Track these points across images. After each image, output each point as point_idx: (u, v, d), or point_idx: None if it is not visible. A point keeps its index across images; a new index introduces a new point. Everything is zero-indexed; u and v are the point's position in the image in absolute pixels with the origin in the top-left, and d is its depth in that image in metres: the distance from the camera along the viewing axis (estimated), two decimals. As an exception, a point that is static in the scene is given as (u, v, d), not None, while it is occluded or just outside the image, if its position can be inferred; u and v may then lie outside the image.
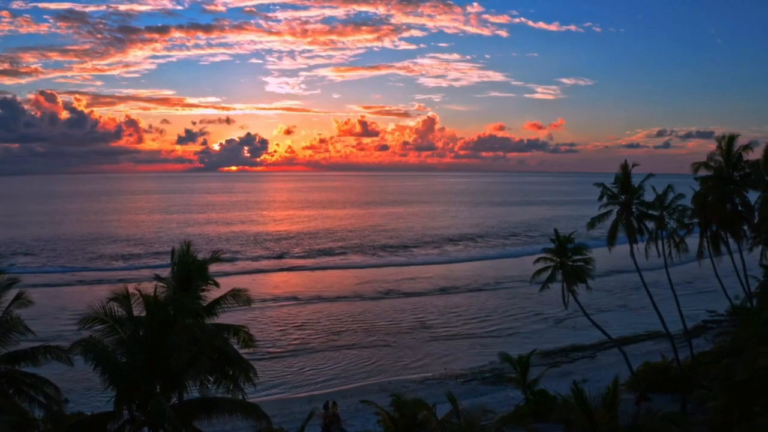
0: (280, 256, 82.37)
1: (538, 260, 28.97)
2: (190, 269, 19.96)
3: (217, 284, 21.08)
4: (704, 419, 21.67)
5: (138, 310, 16.98)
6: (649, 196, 29.37)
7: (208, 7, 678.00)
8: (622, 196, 28.50)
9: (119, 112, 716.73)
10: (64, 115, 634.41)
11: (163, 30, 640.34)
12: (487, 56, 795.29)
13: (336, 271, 72.47)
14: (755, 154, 32.95)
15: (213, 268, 66.88)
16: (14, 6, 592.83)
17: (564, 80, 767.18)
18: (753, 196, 31.80)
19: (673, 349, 28.82)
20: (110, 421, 16.86)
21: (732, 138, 30.06)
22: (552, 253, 28.37)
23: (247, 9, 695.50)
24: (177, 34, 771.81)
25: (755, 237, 33.62)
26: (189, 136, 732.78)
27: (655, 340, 40.68)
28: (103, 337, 16.76)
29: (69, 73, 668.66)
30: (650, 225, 29.02)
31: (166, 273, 20.81)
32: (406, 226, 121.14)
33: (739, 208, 30.22)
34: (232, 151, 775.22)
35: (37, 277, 67.94)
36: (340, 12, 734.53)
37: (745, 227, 33.09)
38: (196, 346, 16.82)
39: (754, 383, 16.89)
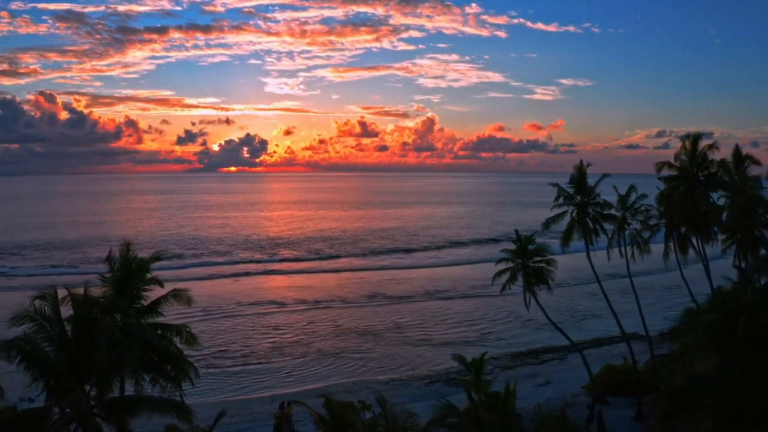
0: (267, 259, 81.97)
1: (500, 261, 28.77)
2: (130, 269, 19.91)
3: (161, 284, 21.07)
4: (653, 424, 21.43)
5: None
6: (611, 197, 29.14)
7: (206, 8, 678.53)
8: (578, 197, 28.30)
9: (118, 112, 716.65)
10: (64, 115, 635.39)
11: (162, 31, 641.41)
12: (486, 57, 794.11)
13: (322, 274, 71.84)
14: (724, 153, 32.73)
15: (195, 271, 67.27)
16: (13, 6, 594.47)
17: (563, 81, 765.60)
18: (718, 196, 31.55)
19: (630, 352, 28.60)
20: (42, 417, 16.88)
21: (697, 137, 29.79)
22: (513, 254, 28.17)
23: (246, 10, 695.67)
24: (176, 35, 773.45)
25: (726, 238, 33.39)
26: (188, 137, 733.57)
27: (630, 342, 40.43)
28: (34, 334, 16.86)
29: (68, 74, 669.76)
30: (613, 226, 28.77)
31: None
32: (400, 228, 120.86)
33: (704, 208, 29.91)
34: (231, 151, 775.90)
35: (25, 279, 67.99)
36: (338, 13, 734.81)
37: (716, 228, 32.88)
38: (121, 345, 16.82)
39: (693, 388, 16.62)
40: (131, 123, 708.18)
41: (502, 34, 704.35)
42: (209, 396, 33.96)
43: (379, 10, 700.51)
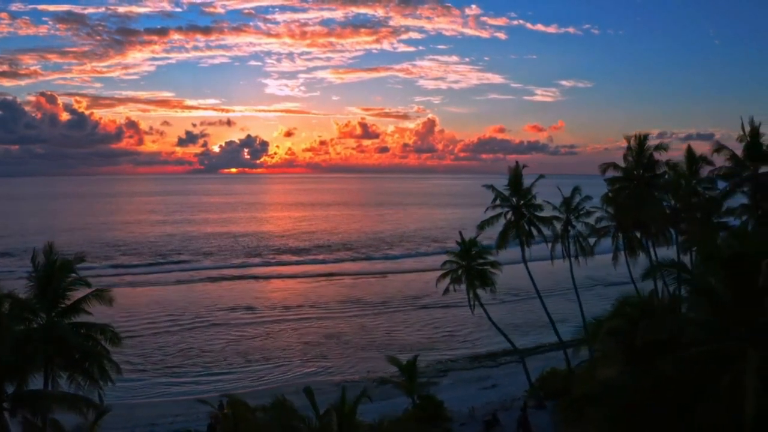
0: (251, 263, 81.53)
1: (445, 263, 28.83)
2: (53, 269, 20.11)
3: (88, 284, 21.26)
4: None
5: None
6: (556, 199, 29.14)
7: (206, 10, 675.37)
8: (513, 199, 28.31)
9: (119, 113, 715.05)
10: (65, 116, 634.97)
11: (162, 32, 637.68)
12: (486, 58, 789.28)
13: (303, 278, 71.20)
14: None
15: (179, 275, 67.46)
16: (13, 8, 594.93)
17: (563, 82, 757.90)
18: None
19: (566, 358, 28.58)
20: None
21: (644, 137, 29.63)
22: (457, 257, 28.22)
23: (246, 11, 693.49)
24: (176, 36, 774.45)
25: (685, 240, 33.25)
26: (189, 138, 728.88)
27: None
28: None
29: (68, 75, 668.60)
30: (549, 229, 28.72)
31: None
32: (394, 231, 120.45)
33: (652, 210, 29.74)
34: (232, 153, 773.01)
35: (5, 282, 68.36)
36: (338, 14, 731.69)
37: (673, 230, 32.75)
38: (30, 343, 17.11)
39: (594, 395, 16.61)
40: (132, 124, 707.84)
41: (501, 35, 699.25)
42: (166, 396, 34.29)
43: (379, 12, 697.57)
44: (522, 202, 28.27)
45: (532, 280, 29.82)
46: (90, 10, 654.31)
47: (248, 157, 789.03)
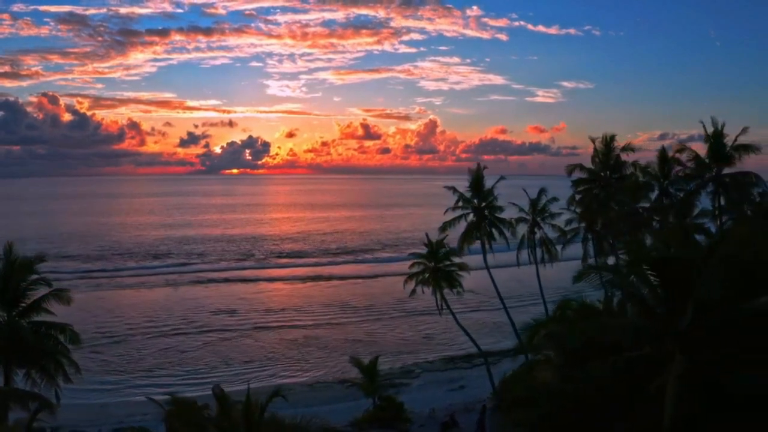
0: (243, 266, 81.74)
1: (412, 265, 29.04)
2: (12, 269, 20.51)
3: (49, 283, 21.68)
4: None
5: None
6: (523, 201, 29.30)
7: (208, 11, 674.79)
8: (475, 200, 28.44)
9: (120, 114, 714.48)
10: (66, 117, 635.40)
11: (164, 33, 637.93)
12: (487, 59, 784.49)
13: (290, 281, 71.16)
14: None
15: (170, 277, 67.75)
16: (15, 8, 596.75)
17: (564, 83, 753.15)
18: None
19: (526, 359, 28.63)
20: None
21: (611, 138, 29.68)
22: (424, 258, 28.43)
23: (247, 12, 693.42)
24: (177, 37, 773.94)
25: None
26: (191, 139, 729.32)
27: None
28: None
29: (70, 76, 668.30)
30: (509, 231, 28.85)
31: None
32: (392, 232, 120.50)
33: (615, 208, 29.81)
34: (233, 153, 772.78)
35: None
36: (339, 15, 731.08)
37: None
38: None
39: (530, 398, 16.76)
40: (133, 125, 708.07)
41: (503, 36, 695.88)
42: (142, 396, 34.62)
43: (380, 13, 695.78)
44: (483, 203, 28.47)
45: (494, 282, 29.94)
46: (91, 11, 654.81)
47: (250, 158, 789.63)
